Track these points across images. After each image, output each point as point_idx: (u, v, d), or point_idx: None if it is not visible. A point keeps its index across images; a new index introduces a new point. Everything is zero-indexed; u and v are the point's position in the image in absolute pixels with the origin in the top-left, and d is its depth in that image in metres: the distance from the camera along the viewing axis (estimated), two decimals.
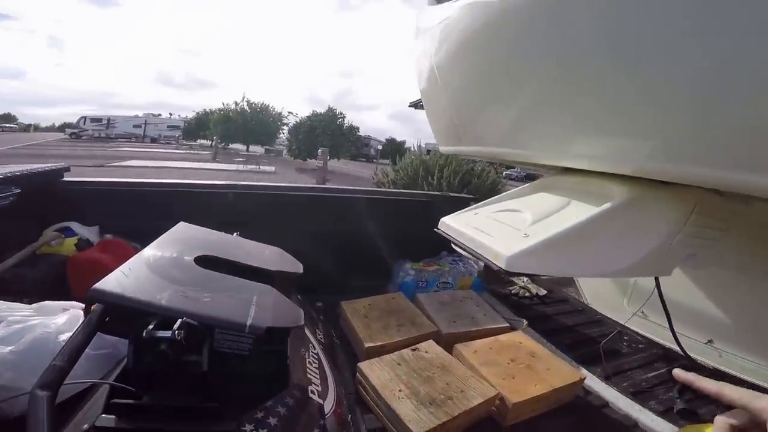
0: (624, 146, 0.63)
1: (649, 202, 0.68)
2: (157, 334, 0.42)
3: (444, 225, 0.84)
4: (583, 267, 0.66)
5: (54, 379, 0.37)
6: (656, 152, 0.58)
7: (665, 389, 0.90)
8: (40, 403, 0.35)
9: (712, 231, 0.74)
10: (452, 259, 1.30)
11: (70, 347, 0.40)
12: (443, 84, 1.02)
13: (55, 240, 0.95)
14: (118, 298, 0.46)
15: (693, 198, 0.69)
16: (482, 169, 5.18)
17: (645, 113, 0.56)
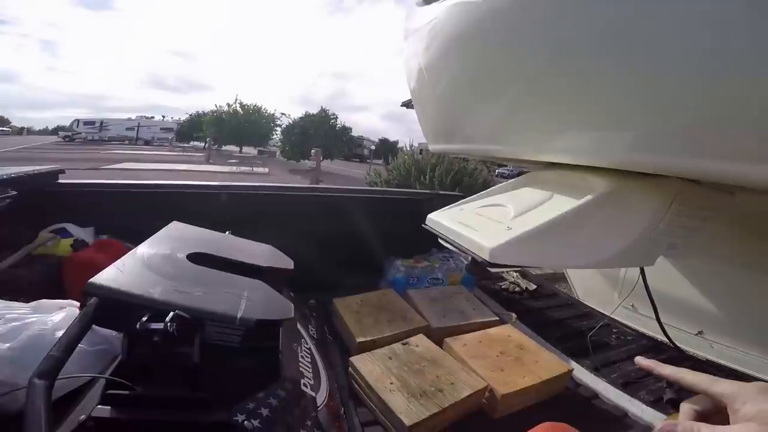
0: (604, 139, 0.65)
1: (629, 193, 0.69)
2: (150, 326, 0.43)
3: (431, 221, 0.86)
4: (565, 258, 0.68)
5: (51, 368, 0.38)
6: (636, 144, 0.60)
7: (655, 380, 0.91)
8: (38, 391, 0.36)
9: (692, 221, 0.76)
10: (442, 255, 1.32)
11: (66, 339, 0.41)
12: (431, 84, 1.04)
13: (50, 241, 0.96)
14: (113, 292, 0.48)
15: (672, 189, 0.71)
16: (474, 167, 5.22)
17: (625, 105, 0.58)
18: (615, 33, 0.55)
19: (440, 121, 1.14)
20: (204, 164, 14.26)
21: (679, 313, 1.16)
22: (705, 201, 0.77)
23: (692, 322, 1.17)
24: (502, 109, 0.81)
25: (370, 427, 0.69)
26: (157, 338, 0.43)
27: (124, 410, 0.45)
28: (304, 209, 1.30)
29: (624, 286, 1.38)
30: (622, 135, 0.61)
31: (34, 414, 0.34)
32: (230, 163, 15.77)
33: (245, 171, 12.48)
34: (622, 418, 0.79)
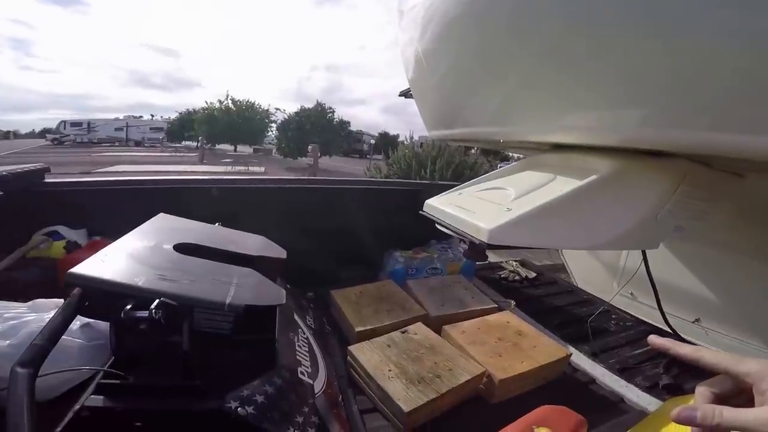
0: (613, 114, 0.63)
1: (635, 174, 0.68)
2: (135, 314, 0.42)
3: (429, 207, 0.84)
4: (566, 238, 0.67)
5: (34, 357, 0.37)
6: (647, 118, 0.58)
7: (651, 365, 0.91)
8: (21, 379, 0.35)
9: (700, 203, 0.74)
10: (441, 246, 1.31)
11: (49, 328, 0.40)
12: (430, 69, 1.02)
13: (43, 243, 0.95)
14: (94, 281, 0.46)
15: (681, 170, 0.69)
16: (475, 161, 5.21)
17: (636, 78, 0.56)
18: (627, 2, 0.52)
19: (440, 107, 1.12)
20: (198, 165, 14.19)
21: (677, 300, 1.16)
22: (714, 183, 0.76)
23: (689, 309, 1.18)
24: (505, 89, 0.79)
25: (369, 415, 0.69)
26: (144, 326, 0.42)
27: (117, 400, 0.44)
28: (302, 202, 1.29)
29: (623, 275, 1.38)
30: (633, 109, 0.59)
31: (17, 402, 0.33)
32: (225, 162, 15.68)
33: (241, 171, 12.43)
34: (618, 403, 0.79)
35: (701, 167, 0.72)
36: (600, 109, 0.64)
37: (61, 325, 0.41)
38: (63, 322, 0.41)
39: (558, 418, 0.54)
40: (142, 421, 0.44)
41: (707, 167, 0.73)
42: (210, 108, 24.01)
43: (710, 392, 0.40)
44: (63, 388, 0.57)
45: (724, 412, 0.36)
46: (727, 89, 0.48)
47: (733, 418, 0.35)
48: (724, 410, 0.36)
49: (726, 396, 0.40)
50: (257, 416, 0.46)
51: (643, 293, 1.29)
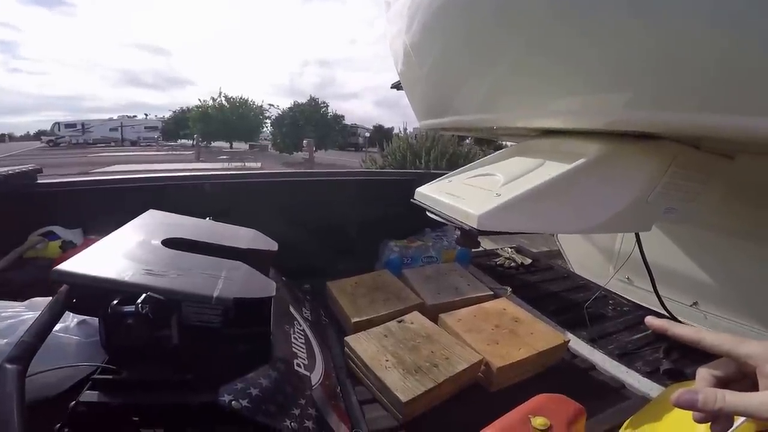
0: (599, 98, 0.62)
1: (624, 156, 0.68)
2: (122, 309, 0.42)
3: (419, 195, 0.84)
4: (557, 222, 0.66)
5: (22, 353, 0.37)
6: (633, 101, 0.57)
7: (651, 350, 0.91)
8: (9, 376, 0.35)
9: (691, 184, 0.74)
10: (435, 234, 1.31)
11: (37, 325, 0.40)
12: (418, 60, 1.01)
13: (39, 243, 0.95)
14: (80, 277, 0.46)
15: (670, 152, 0.69)
16: (469, 150, 5.21)
17: (623, 59, 0.55)
18: None
19: (429, 97, 1.11)
20: (195, 162, 14.14)
21: (674, 284, 1.16)
22: (704, 165, 0.75)
23: (687, 293, 1.17)
24: (492, 77, 0.79)
25: (368, 405, 0.69)
26: (132, 321, 0.41)
27: (111, 394, 0.44)
28: (296, 195, 1.28)
29: (619, 260, 1.38)
30: (619, 92, 0.58)
31: (6, 398, 0.33)
32: (221, 159, 15.62)
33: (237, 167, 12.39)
34: (619, 389, 0.79)
35: (691, 149, 0.72)
36: (586, 93, 0.63)
37: (49, 322, 0.41)
38: (51, 318, 0.41)
39: (555, 407, 0.54)
40: (136, 416, 0.44)
41: (696, 149, 0.73)
42: (203, 106, 23.87)
43: (712, 376, 0.39)
44: (63, 385, 0.57)
45: (726, 396, 0.34)
46: (713, 70, 0.47)
47: (736, 403, 0.34)
48: (726, 394, 0.34)
49: (728, 379, 0.38)
50: (252, 409, 0.46)
51: (639, 277, 1.29)
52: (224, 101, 23.94)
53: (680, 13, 0.46)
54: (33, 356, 0.38)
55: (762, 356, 0.35)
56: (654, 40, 0.50)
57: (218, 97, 23.98)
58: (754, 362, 0.36)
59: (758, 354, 0.36)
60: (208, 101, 23.96)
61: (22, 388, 0.35)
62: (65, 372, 0.55)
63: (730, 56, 0.45)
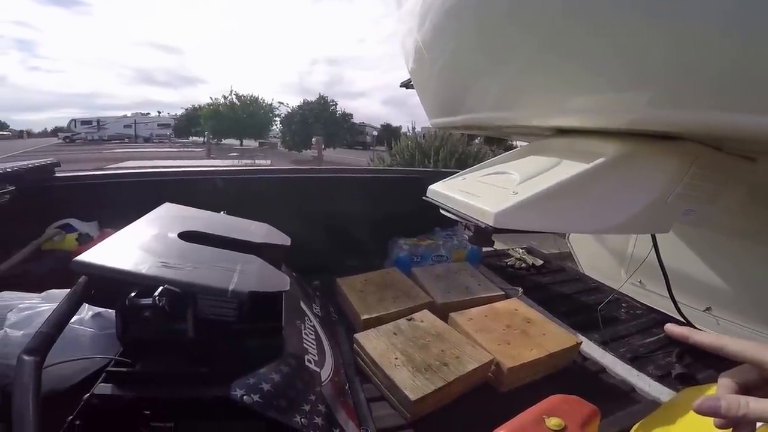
0: (619, 97, 0.61)
1: (643, 157, 0.66)
2: (139, 301, 0.42)
3: (432, 192, 0.83)
4: (574, 222, 0.65)
5: (40, 345, 0.37)
6: (657, 99, 0.55)
7: (663, 354, 0.90)
8: (27, 367, 0.35)
9: (711, 186, 0.73)
10: (446, 233, 1.30)
11: (55, 316, 0.40)
12: (430, 59, 1.00)
13: (56, 236, 0.96)
14: (99, 268, 0.46)
15: (691, 153, 0.67)
16: (478, 150, 5.17)
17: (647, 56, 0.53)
18: None
19: (441, 95, 1.10)
20: (206, 159, 14.28)
21: (687, 288, 1.14)
22: (725, 167, 0.73)
23: (700, 297, 1.15)
24: (506, 74, 0.78)
25: (375, 403, 0.68)
26: (148, 313, 0.41)
27: (125, 387, 0.45)
28: (307, 192, 1.29)
29: (631, 262, 1.36)
30: (639, 91, 0.57)
31: (23, 389, 0.33)
32: (231, 156, 15.76)
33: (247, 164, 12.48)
34: (629, 393, 0.78)
35: (712, 150, 0.70)
36: (605, 91, 0.62)
37: (67, 313, 0.41)
38: (69, 309, 0.42)
39: (570, 408, 0.53)
40: (148, 410, 0.45)
41: (718, 150, 0.71)
42: (215, 104, 24.10)
43: (733, 382, 0.38)
44: (77, 377, 0.57)
45: (750, 402, 0.33)
46: (735, 69, 0.46)
47: (761, 410, 0.33)
48: (750, 401, 0.34)
49: (750, 386, 0.38)
50: (263, 404, 0.46)
51: (652, 281, 1.27)
52: (235, 99, 24.14)
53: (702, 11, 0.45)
54: (50, 347, 0.38)
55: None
56: (676, 38, 0.49)
57: (229, 95, 24.20)
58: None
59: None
60: (220, 99, 24.19)
61: (39, 380, 0.35)
62: (78, 364, 0.56)
63: (753, 55, 0.44)
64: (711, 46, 0.47)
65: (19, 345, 0.56)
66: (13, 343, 0.57)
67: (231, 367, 0.47)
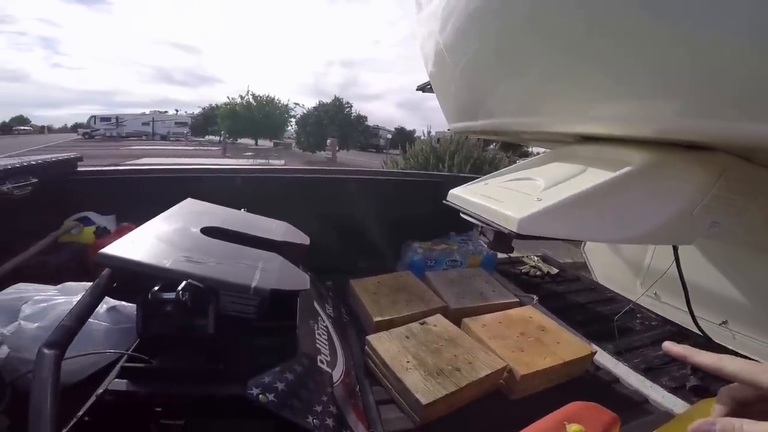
0: (648, 105, 0.59)
1: (671, 166, 0.65)
2: (162, 295, 0.42)
3: (453, 196, 0.83)
4: (598, 231, 0.64)
5: (61, 338, 0.37)
6: (687, 108, 0.54)
7: (678, 366, 0.88)
8: (47, 360, 0.35)
9: (739, 199, 0.71)
10: (461, 238, 1.30)
11: (78, 309, 0.40)
12: (452, 62, 0.99)
13: (74, 229, 0.98)
14: (125, 262, 0.47)
15: (720, 164, 0.66)
16: (494, 156, 5.12)
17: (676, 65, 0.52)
18: None
19: (462, 99, 1.10)
20: (221, 158, 14.45)
21: (704, 301, 1.11)
22: (754, 179, 0.72)
23: (717, 311, 1.13)
24: (531, 79, 0.77)
25: (384, 406, 0.68)
26: (170, 308, 0.42)
27: (140, 383, 0.44)
28: (322, 192, 1.29)
29: (648, 274, 1.34)
30: (668, 99, 0.56)
31: (41, 383, 0.33)
32: (246, 156, 15.92)
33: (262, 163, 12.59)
34: (642, 404, 0.77)
35: (741, 162, 0.68)
36: (634, 99, 0.61)
37: (90, 306, 0.41)
38: (91, 302, 0.42)
39: (590, 415, 0.53)
40: (162, 406, 0.44)
41: (747, 162, 0.69)
42: (231, 103, 24.36)
43: (732, 397, 0.38)
44: (87, 371, 0.58)
45: (744, 426, 0.33)
46: (765, 78, 0.45)
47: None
48: (744, 424, 0.33)
49: (749, 402, 0.37)
50: (278, 404, 0.46)
51: (667, 293, 1.25)
52: (251, 99, 24.38)
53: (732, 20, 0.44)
54: (71, 341, 0.38)
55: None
56: (705, 46, 0.48)
57: (246, 95, 24.44)
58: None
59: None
60: (236, 99, 24.44)
61: (58, 374, 0.35)
62: (88, 359, 0.56)
63: None
64: (740, 55, 0.46)
65: (32, 338, 0.57)
66: (26, 336, 0.57)
67: (247, 365, 0.48)
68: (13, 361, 0.56)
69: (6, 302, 0.63)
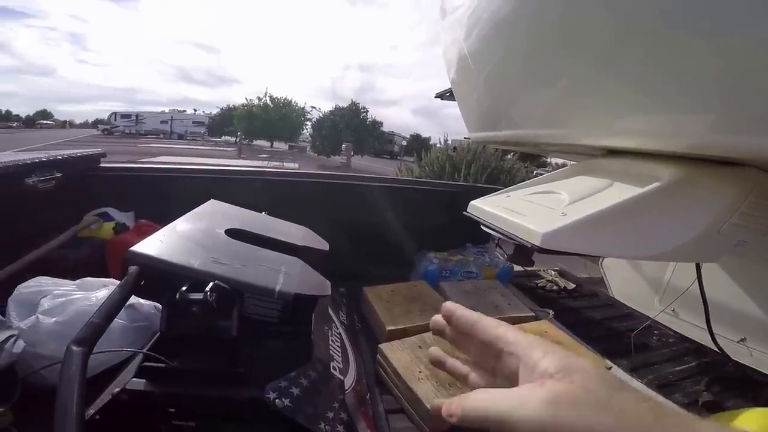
0: (679, 119, 0.58)
1: (700, 183, 0.64)
2: (189, 296, 0.42)
3: (474, 208, 0.82)
4: (623, 247, 0.63)
5: (90, 336, 0.37)
6: (716, 123, 0.53)
7: (692, 382, 0.87)
8: (75, 358, 0.35)
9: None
10: (477, 250, 1.28)
11: (107, 306, 0.40)
12: (477, 70, 0.99)
13: (94, 224, 1.00)
14: (154, 260, 0.47)
15: (750, 180, 0.64)
16: (511, 166, 5.07)
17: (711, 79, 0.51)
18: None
19: (485, 108, 1.09)
20: (236, 159, 14.64)
21: (722, 318, 1.09)
22: None
23: (735, 328, 1.11)
24: (558, 90, 0.76)
25: (394, 415, 0.67)
26: (196, 309, 0.42)
27: (159, 384, 0.44)
28: (338, 197, 1.30)
29: (668, 291, 1.31)
30: (701, 114, 0.55)
31: (68, 381, 0.33)
32: (261, 158, 16.11)
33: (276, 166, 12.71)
34: None
35: None
36: (665, 112, 0.60)
37: (119, 304, 0.41)
38: (120, 300, 0.42)
39: None
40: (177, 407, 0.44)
41: None
42: (249, 105, 24.66)
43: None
44: (98, 368, 0.58)
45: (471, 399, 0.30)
46: None
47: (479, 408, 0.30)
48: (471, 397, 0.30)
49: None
50: (293, 409, 0.45)
51: (686, 310, 1.23)
52: (269, 101, 24.65)
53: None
54: (99, 338, 0.38)
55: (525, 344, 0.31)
56: (741, 62, 0.47)
57: (264, 96, 24.72)
58: (516, 350, 0.31)
59: (522, 342, 0.31)
60: (254, 100, 24.75)
61: (85, 371, 0.35)
62: (101, 356, 0.56)
63: None
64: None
65: (49, 332, 0.57)
66: (43, 331, 0.58)
67: (264, 369, 0.47)
68: (27, 356, 0.55)
69: (26, 295, 0.63)
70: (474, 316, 0.36)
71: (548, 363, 0.28)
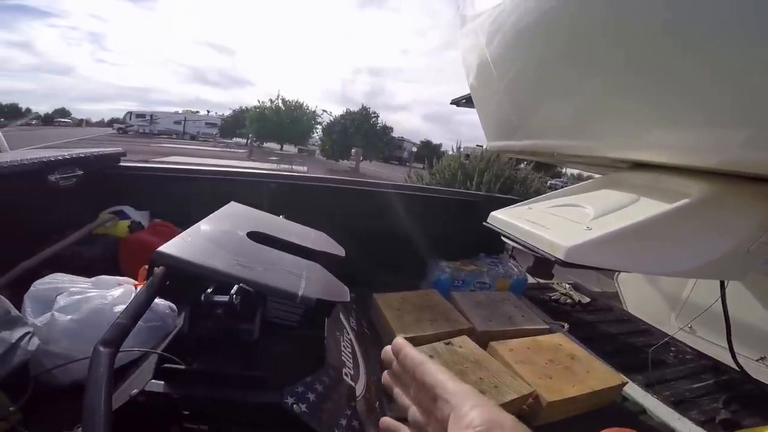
0: (715, 133, 0.57)
1: (731, 200, 0.62)
2: (214, 298, 0.42)
3: (494, 219, 0.81)
4: (648, 263, 0.62)
5: (117, 336, 0.37)
6: (754, 139, 0.52)
7: (710, 400, 0.86)
8: (102, 359, 0.35)
9: None
10: (491, 260, 1.26)
11: (134, 307, 0.40)
12: (499, 76, 0.98)
13: (109, 221, 1.00)
14: (181, 261, 0.47)
15: None
16: (525, 175, 5.02)
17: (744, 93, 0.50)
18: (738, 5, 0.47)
19: (505, 116, 1.08)
20: (246, 161, 14.75)
21: (742, 337, 1.07)
22: None
23: (755, 347, 1.09)
24: (586, 100, 0.75)
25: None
26: (221, 311, 0.41)
27: (178, 385, 0.44)
28: (349, 203, 1.29)
29: (685, 307, 1.29)
30: (739, 129, 0.53)
31: (96, 382, 0.33)
32: (271, 160, 16.23)
33: (285, 169, 12.78)
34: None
35: None
36: (700, 126, 0.58)
37: (145, 304, 0.41)
38: (147, 300, 0.42)
39: None
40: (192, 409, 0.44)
41: None
42: (261, 107, 24.83)
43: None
44: None
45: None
46: None
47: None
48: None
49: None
50: (308, 414, 0.45)
51: (703, 327, 1.20)
52: (281, 104, 24.80)
53: None
54: (125, 338, 0.38)
55: (460, 394, 0.33)
56: None
57: (276, 99, 24.89)
58: (450, 399, 0.33)
59: (457, 393, 0.33)
60: (266, 102, 24.93)
61: (112, 372, 0.35)
62: None
63: None
64: None
65: (63, 330, 0.57)
66: (58, 328, 0.58)
67: (281, 373, 0.47)
68: (40, 354, 0.55)
69: (42, 292, 0.63)
70: (420, 358, 0.39)
71: (475, 415, 0.31)
